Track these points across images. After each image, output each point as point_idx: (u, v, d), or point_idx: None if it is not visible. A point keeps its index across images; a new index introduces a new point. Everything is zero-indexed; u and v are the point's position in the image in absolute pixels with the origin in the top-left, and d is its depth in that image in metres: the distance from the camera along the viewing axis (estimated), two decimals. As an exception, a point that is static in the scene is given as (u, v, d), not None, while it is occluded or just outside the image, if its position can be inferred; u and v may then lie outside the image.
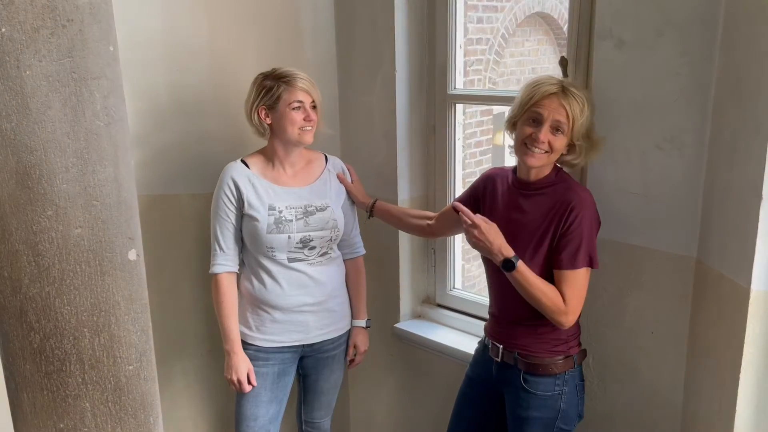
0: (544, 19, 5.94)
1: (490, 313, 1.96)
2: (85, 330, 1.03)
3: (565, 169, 1.82)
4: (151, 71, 2.29)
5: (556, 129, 1.68)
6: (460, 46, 2.36)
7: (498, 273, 1.76)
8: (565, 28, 2.05)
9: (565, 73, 1.98)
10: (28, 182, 0.95)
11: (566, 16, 2.01)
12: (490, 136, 4.78)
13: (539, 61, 5.90)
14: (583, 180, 1.98)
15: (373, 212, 2.21)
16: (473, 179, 2.05)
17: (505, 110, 4.74)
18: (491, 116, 4.90)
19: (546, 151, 1.69)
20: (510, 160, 4.80)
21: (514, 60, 5.59)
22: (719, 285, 1.63)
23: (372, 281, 2.58)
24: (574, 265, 1.68)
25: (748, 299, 1.49)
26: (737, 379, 1.54)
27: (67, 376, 1.04)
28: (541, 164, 1.72)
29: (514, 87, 5.35)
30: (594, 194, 1.88)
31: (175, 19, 2.29)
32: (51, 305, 1.00)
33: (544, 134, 1.67)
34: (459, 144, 2.44)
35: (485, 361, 1.93)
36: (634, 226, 1.82)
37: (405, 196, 2.44)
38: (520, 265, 1.68)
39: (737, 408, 1.55)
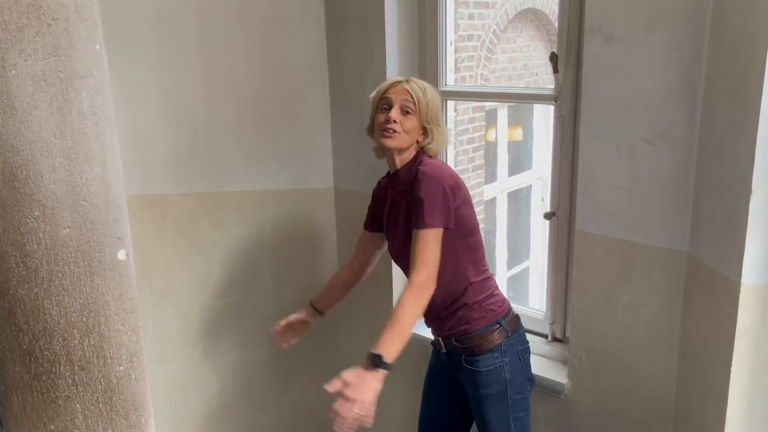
0: (535, 15, 5.93)
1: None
2: (75, 331, 1.02)
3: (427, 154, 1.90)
4: (141, 70, 2.27)
5: (405, 110, 1.83)
6: (451, 43, 2.36)
7: (406, 273, 1.86)
8: (557, 24, 2.05)
9: (555, 69, 1.99)
10: (14, 183, 0.95)
11: (557, 12, 2.01)
12: (483, 133, 4.78)
13: (531, 57, 5.90)
14: (574, 175, 1.99)
15: (321, 312, 2.18)
16: (466, 176, 2.06)
17: (498, 106, 4.71)
18: (483, 113, 4.90)
19: (399, 132, 1.83)
20: (502, 158, 4.81)
21: (505, 56, 5.58)
22: (710, 279, 1.63)
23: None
24: (419, 226, 1.76)
25: (739, 293, 1.50)
26: (729, 372, 1.55)
27: (57, 377, 1.03)
28: (397, 144, 1.84)
29: (507, 83, 5.35)
30: (585, 189, 1.89)
31: (165, 18, 2.27)
32: (40, 306, 1.00)
33: (395, 113, 1.83)
34: (451, 140, 2.44)
35: (437, 352, 2.03)
36: (625, 221, 1.83)
37: (397, 194, 2.44)
38: (385, 357, 1.63)
39: (729, 400, 1.56)
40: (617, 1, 1.72)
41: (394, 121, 1.83)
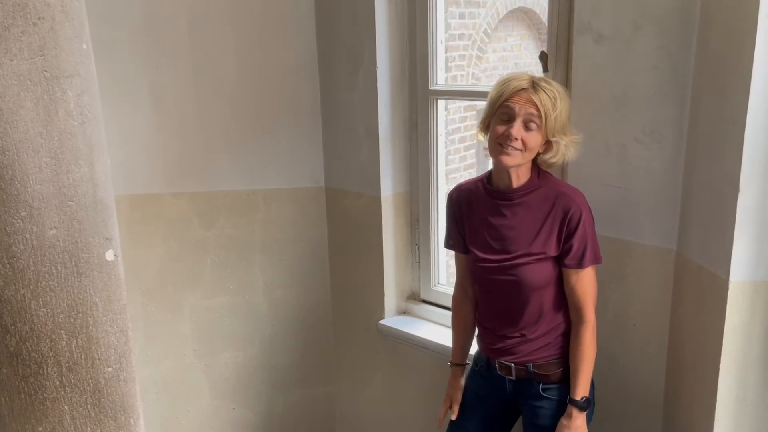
0: (526, 14, 5.95)
1: (485, 331, 1.86)
2: (62, 332, 1.02)
3: (543, 168, 1.76)
4: (131, 69, 2.26)
5: (528, 125, 1.63)
6: (442, 42, 2.36)
7: (497, 292, 1.76)
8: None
9: (545, 68, 1.99)
10: (0, 183, 0.94)
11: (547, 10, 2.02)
12: (474, 132, 4.79)
13: (522, 56, 5.92)
14: (563, 174, 1.99)
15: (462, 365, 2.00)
16: (457, 175, 2.03)
17: (488, 105, 4.69)
18: (475, 111, 4.91)
19: (520, 149, 1.63)
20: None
21: (496, 55, 5.60)
22: (699, 276, 1.64)
23: (356, 278, 2.58)
24: (581, 266, 1.68)
25: (727, 290, 1.51)
26: (717, 369, 1.56)
27: (44, 379, 1.02)
28: (515, 163, 1.66)
29: (497, 82, 5.36)
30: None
31: (154, 16, 2.26)
32: (27, 307, 0.99)
33: (517, 130, 1.62)
34: (441, 139, 2.44)
35: (493, 378, 1.84)
36: (614, 219, 1.84)
37: (388, 193, 2.44)
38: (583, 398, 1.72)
39: (718, 398, 1.57)
40: (606, 0, 1.73)
41: (515, 138, 1.62)
